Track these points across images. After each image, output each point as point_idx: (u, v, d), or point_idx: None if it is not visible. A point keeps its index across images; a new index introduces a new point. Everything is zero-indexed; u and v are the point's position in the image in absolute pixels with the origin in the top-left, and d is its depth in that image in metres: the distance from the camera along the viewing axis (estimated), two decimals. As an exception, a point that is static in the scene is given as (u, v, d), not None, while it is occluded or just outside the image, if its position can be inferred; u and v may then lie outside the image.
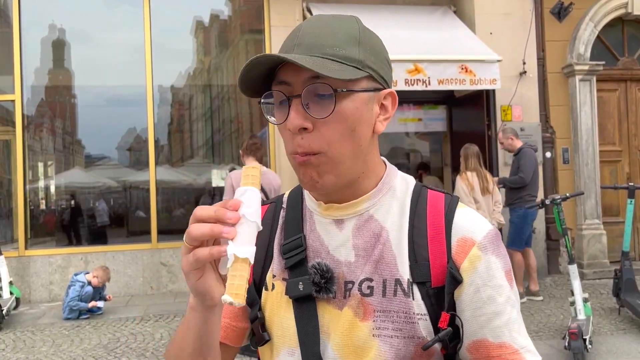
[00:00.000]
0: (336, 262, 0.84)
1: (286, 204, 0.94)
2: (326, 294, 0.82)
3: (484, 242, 0.81)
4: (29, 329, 5.24)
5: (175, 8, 7.37)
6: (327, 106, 0.76)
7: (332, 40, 0.77)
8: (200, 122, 8.23)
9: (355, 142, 0.80)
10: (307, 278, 0.83)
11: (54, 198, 7.65)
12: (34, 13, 6.83)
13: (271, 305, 0.87)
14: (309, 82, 0.76)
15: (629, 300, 4.92)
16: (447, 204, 0.85)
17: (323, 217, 0.87)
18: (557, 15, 7.20)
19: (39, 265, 6.39)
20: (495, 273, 0.80)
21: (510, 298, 0.81)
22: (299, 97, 0.76)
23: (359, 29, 0.81)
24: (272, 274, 0.88)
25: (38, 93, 7.43)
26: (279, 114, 0.80)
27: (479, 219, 0.84)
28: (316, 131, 0.77)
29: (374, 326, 0.79)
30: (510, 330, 0.80)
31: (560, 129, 7.26)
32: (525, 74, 6.94)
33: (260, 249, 0.86)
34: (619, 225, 6.84)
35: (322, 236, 0.86)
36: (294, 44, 0.78)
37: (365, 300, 0.80)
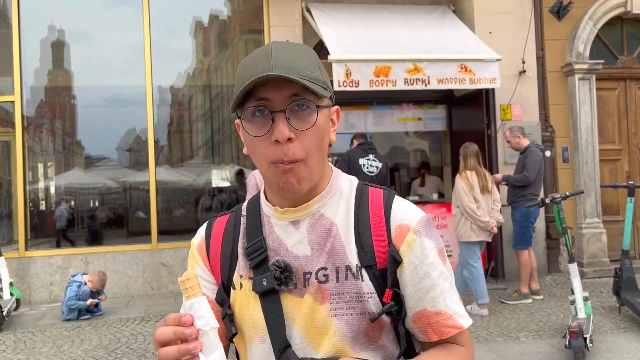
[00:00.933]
0: (295, 257, 0.95)
1: (245, 211, 1.05)
2: (286, 287, 0.94)
3: (417, 227, 0.94)
4: (30, 330, 5.24)
5: (174, 8, 7.37)
6: (308, 119, 0.89)
7: (303, 63, 0.89)
8: (200, 123, 8.23)
9: (323, 150, 0.94)
10: (269, 275, 0.94)
11: (54, 199, 7.65)
12: (34, 14, 6.83)
13: (240, 302, 0.97)
14: (292, 98, 0.87)
15: (629, 299, 4.92)
16: (385, 198, 0.98)
17: (280, 220, 0.98)
18: (556, 14, 7.20)
19: (39, 266, 6.40)
20: (428, 253, 0.94)
21: (442, 273, 0.95)
22: (283, 112, 0.87)
23: (315, 55, 0.95)
24: (239, 274, 0.99)
25: (38, 94, 7.43)
26: (254, 126, 0.90)
27: (413, 208, 0.98)
28: (297, 141, 0.88)
29: (331, 307, 0.91)
30: (445, 299, 0.93)
31: (560, 128, 7.27)
32: (524, 73, 6.95)
33: (226, 255, 1.02)
34: (619, 224, 6.85)
35: (280, 236, 0.98)
36: (270, 65, 0.86)
37: (322, 287, 0.92)
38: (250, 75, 0.87)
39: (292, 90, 0.87)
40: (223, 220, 1.07)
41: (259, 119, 0.89)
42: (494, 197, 5.46)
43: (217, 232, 1.06)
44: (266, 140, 0.89)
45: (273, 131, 0.87)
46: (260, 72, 0.86)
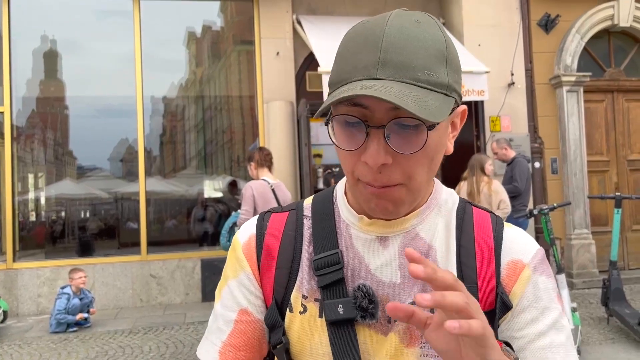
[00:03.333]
0: (378, 282, 0.77)
1: (311, 212, 0.84)
2: (371, 320, 0.76)
3: (533, 263, 0.77)
4: (16, 343, 5.19)
5: (166, 19, 7.41)
6: (414, 141, 0.68)
7: (424, 59, 0.67)
8: (193, 133, 8.23)
9: (432, 169, 0.75)
10: (349, 300, 0.75)
11: (44, 210, 7.61)
12: (25, 24, 6.85)
13: (299, 329, 0.79)
14: (395, 112, 0.67)
15: (617, 310, 4.93)
16: (494, 224, 0.81)
17: (364, 232, 0.79)
18: (544, 27, 7.30)
19: (27, 278, 6.35)
20: (542, 294, 0.76)
21: (557, 321, 0.75)
22: (382, 128, 0.68)
23: (445, 40, 0.71)
24: (302, 294, 0.79)
25: (29, 104, 7.41)
26: (344, 135, 0.71)
27: (527, 239, 0.80)
28: (396, 164, 0.70)
29: (421, 353, 0.74)
30: (553, 353, 0.73)
31: (549, 139, 7.33)
32: (513, 85, 7.02)
33: (284, 266, 0.81)
34: (607, 235, 6.89)
35: (361, 253, 0.78)
36: (378, 60, 0.66)
37: (412, 326, 0.74)
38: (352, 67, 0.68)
39: None
40: (280, 219, 0.85)
41: (351, 129, 0.70)
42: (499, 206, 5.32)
43: (273, 232, 0.83)
44: (355, 156, 0.71)
45: (365, 150, 0.69)
46: (362, 67, 0.67)
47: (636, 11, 7.45)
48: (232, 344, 0.81)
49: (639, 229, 7.66)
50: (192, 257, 6.56)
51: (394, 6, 7.42)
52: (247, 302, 0.82)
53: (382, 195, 0.72)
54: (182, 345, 4.97)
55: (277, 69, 6.88)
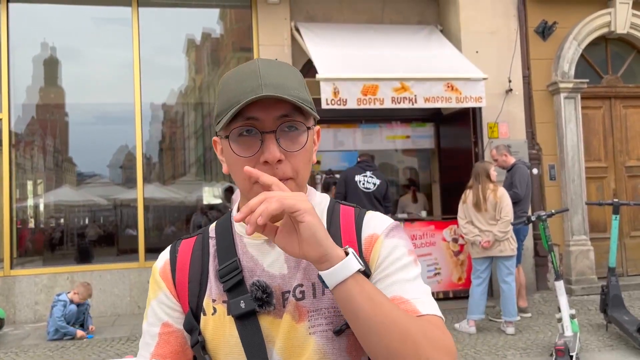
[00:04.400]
0: (271, 276, 0.92)
1: (215, 233, 1.01)
2: (267, 307, 0.90)
3: (385, 231, 0.94)
4: (13, 350, 5.16)
5: (165, 26, 7.44)
6: (298, 140, 0.89)
7: (291, 83, 0.88)
8: (192, 140, 8.24)
9: (309, 169, 0.94)
10: (247, 296, 0.90)
11: (42, 217, 7.60)
12: (24, 31, 6.87)
13: (213, 328, 0.92)
14: (282, 119, 0.87)
15: (616, 316, 4.92)
16: (356, 213, 0.98)
17: (254, 239, 0.96)
18: (541, 34, 7.33)
19: (24, 285, 6.33)
20: (393, 250, 0.91)
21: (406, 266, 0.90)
22: (273, 132, 0.87)
23: (301, 75, 0.94)
24: (211, 298, 0.94)
25: (28, 111, 7.42)
26: (240, 146, 0.88)
27: (383, 218, 0.97)
28: (286, 162, 0.88)
29: (309, 325, 0.88)
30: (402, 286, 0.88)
31: (547, 146, 7.34)
32: (511, 92, 7.03)
33: (194, 279, 0.96)
34: (606, 241, 6.86)
35: (255, 256, 0.95)
36: (259, 84, 0.85)
37: (299, 304, 0.89)
38: (239, 93, 0.85)
39: (282, 110, 0.86)
40: (189, 243, 1.02)
41: (246, 138, 0.87)
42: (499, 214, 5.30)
43: (183, 255, 1.00)
44: (253, 160, 0.87)
45: (263, 152, 0.86)
46: (249, 90, 0.85)
47: (633, 18, 7.49)
48: (159, 353, 0.95)
49: (637, 235, 7.66)
50: (190, 264, 6.52)
51: (391, 13, 7.46)
52: (167, 316, 0.96)
53: None
54: (180, 352, 4.94)
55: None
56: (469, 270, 6.32)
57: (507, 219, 5.22)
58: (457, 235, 6.55)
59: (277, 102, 0.86)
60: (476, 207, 5.36)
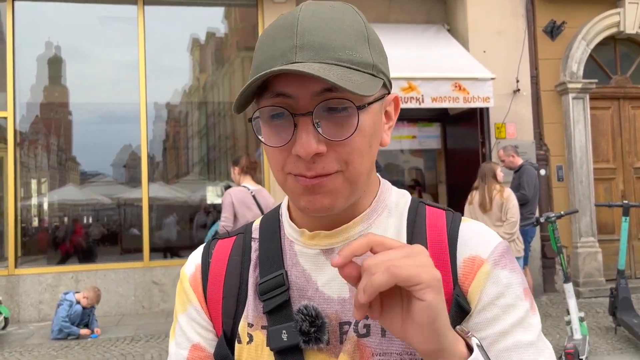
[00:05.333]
0: (327, 300, 0.71)
1: (258, 233, 0.79)
2: (316, 344, 0.69)
3: (493, 257, 0.70)
4: (17, 350, 5.14)
5: (170, 26, 7.41)
6: (346, 124, 0.64)
7: (343, 40, 0.63)
8: (196, 139, 8.21)
9: (371, 158, 0.68)
10: (292, 325, 0.69)
11: (46, 215, 7.59)
12: (29, 30, 6.85)
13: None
14: (321, 96, 0.62)
15: (625, 319, 4.87)
16: (449, 221, 0.73)
17: (307, 247, 0.73)
18: (549, 34, 7.26)
19: (28, 284, 6.31)
20: (504, 290, 0.68)
21: (524, 320, 0.67)
22: (310, 115, 0.62)
23: (364, 23, 0.67)
24: (247, 322, 0.74)
25: (32, 110, 7.41)
26: (271, 132, 0.66)
27: (485, 232, 0.73)
28: (331, 152, 0.64)
29: None
30: (521, 355, 0.65)
31: (555, 147, 7.27)
32: (518, 92, 6.98)
33: (230, 294, 0.75)
34: (614, 243, 6.81)
35: (307, 270, 0.72)
36: (294, 44, 0.62)
37: (362, 342, 0.68)
38: (267, 58, 0.65)
39: (323, 84, 0.62)
40: (227, 245, 0.79)
41: (277, 122, 0.65)
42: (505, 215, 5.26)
43: (218, 260, 0.78)
44: (285, 152, 0.65)
45: (295, 142, 0.63)
46: (278, 55, 0.63)
47: (642, 18, 7.42)
48: None
49: (646, 237, 7.60)
50: (195, 263, 6.49)
51: (398, 13, 7.41)
52: (198, 336, 0.76)
53: (316, 189, 0.65)
54: (184, 353, 4.91)
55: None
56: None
57: (514, 220, 5.16)
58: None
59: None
60: (482, 208, 5.30)
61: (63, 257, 7.25)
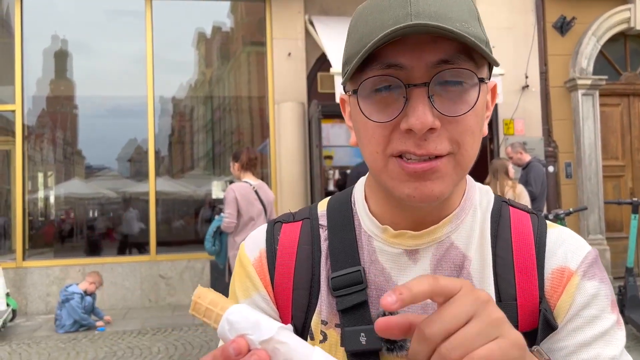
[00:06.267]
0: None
1: (327, 220, 0.73)
2: (399, 352, 0.64)
3: (582, 268, 0.66)
4: (25, 342, 5.16)
5: (177, 20, 7.39)
6: (464, 99, 0.59)
7: (458, 12, 0.58)
8: (202, 134, 8.21)
9: (478, 142, 0.63)
10: (372, 328, 0.62)
11: (53, 209, 7.61)
12: (37, 24, 6.85)
13: None
14: (440, 67, 0.58)
15: (633, 317, 4.84)
16: (535, 226, 0.69)
17: (389, 245, 0.68)
18: (559, 30, 7.20)
19: (36, 277, 6.33)
20: (589, 301, 0.64)
21: (612, 336, 0.64)
22: (425, 86, 0.58)
23: (475, 5, 0.64)
24: (321, 319, 0.69)
25: (39, 103, 7.43)
26: (374, 106, 0.60)
27: (575, 241, 0.69)
28: (443, 130, 0.59)
29: None
30: None
31: (563, 143, 7.23)
32: (527, 88, 6.93)
33: (302, 286, 0.70)
34: (622, 241, 6.78)
35: (388, 270, 0.67)
36: (407, 12, 0.57)
37: None
38: (376, 27, 0.58)
39: (441, 54, 0.58)
40: (294, 230, 0.73)
41: (383, 95, 0.60)
42: None
43: (286, 247, 0.72)
44: (390, 128, 0.60)
45: (407, 115, 0.58)
46: (392, 22, 0.57)
47: (653, 14, 7.35)
48: None
49: (654, 235, 7.55)
50: (201, 258, 6.51)
51: (407, 7, 7.36)
52: None
53: (426, 174, 0.60)
54: (191, 346, 4.92)
55: (289, 69, 6.84)
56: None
57: None
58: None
59: (433, 41, 0.57)
60: None
61: (69, 250, 7.28)
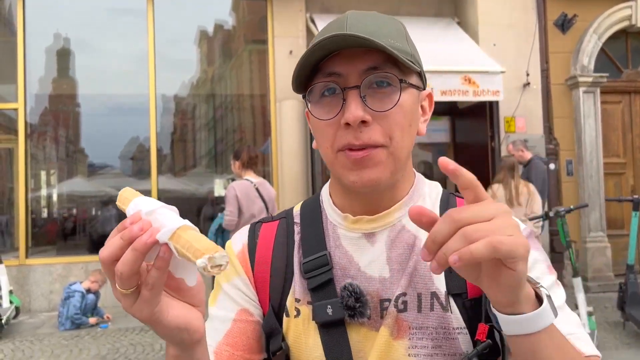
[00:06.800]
0: (369, 279, 0.77)
1: (300, 218, 0.85)
2: (360, 318, 0.75)
3: None
4: (28, 339, 5.20)
5: (179, 18, 7.41)
6: (389, 98, 0.72)
7: (386, 30, 0.72)
8: (204, 132, 8.24)
9: (411, 138, 0.76)
10: (337, 301, 0.76)
11: (56, 207, 7.64)
12: (39, 22, 6.87)
13: (295, 333, 0.79)
14: (369, 72, 0.71)
15: (634, 314, 4.86)
16: None
17: (350, 231, 0.80)
18: (560, 27, 7.20)
19: (39, 275, 6.37)
20: (531, 269, 0.73)
21: (550, 287, 0.73)
22: (357, 88, 0.71)
23: (403, 26, 0.78)
24: (295, 297, 0.80)
25: (42, 101, 7.45)
26: (322, 108, 0.74)
27: None
28: (375, 124, 0.72)
29: (409, 344, 0.73)
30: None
31: (564, 141, 7.23)
32: (528, 86, 6.93)
33: (278, 273, 0.81)
34: (623, 238, 6.78)
35: (350, 252, 0.79)
36: (344, 27, 0.71)
37: (400, 317, 0.74)
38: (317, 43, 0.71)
39: (370, 62, 0.71)
40: (271, 228, 0.86)
41: (327, 99, 0.73)
42: (531, 208, 5.27)
43: (264, 241, 0.84)
44: (334, 124, 0.73)
45: (344, 112, 0.71)
46: (329, 36, 0.70)
47: (654, 12, 7.34)
48: (229, 342, 0.80)
49: (655, 232, 7.55)
50: (203, 255, 6.52)
51: (408, 5, 7.38)
52: (246, 303, 0.82)
53: (365, 161, 0.72)
54: (193, 344, 4.95)
55: (290, 67, 6.85)
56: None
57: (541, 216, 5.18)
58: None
59: (364, 52, 0.71)
60: (509, 203, 5.26)
61: (72, 248, 7.31)
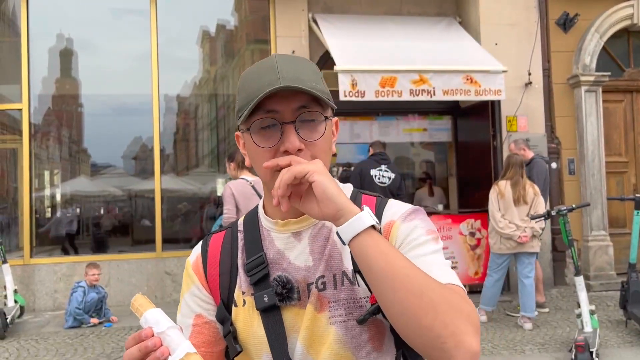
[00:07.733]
0: (297, 269, 0.96)
1: (243, 227, 1.05)
2: (288, 302, 0.94)
3: (402, 215, 0.95)
4: (33, 338, 5.24)
5: (181, 18, 7.43)
6: (316, 130, 0.92)
7: (308, 76, 0.91)
8: (206, 131, 8.26)
9: (329, 158, 0.97)
10: (270, 290, 0.94)
11: (60, 206, 7.67)
12: (43, 22, 6.90)
13: (244, 319, 0.97)
14: (300, 110, 0.90)
15: (636, 313, 4.87)
16: (378, 203, 1.00)
17: (281, 232, 0.99)
18: (562, 26, 7.21)
19: (43, 274, 6.40)
20: (411, 232, 0.92)
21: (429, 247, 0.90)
22: (292, 123, 0.90)
23: (317, 68, 0.98)
24: (241, 290, 0.98)
25: (45, 102, 7.48)
26: (262, 137, 0.91)
27: (403, 204, 0.98)
28: (306, 151, 0.91)
29: (329, 315, 0.92)
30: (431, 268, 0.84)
31: (566, 140, 7.24)
32: (530, 85, 6.94)
33: (225, 272, 1.01)
34: (625, 237, 6.79)
35: (282, 250, 0.98)
36: (278, 77, 0.88)
37: (321, 295, 0.93)
38: (258, 87, 0.89)
39: (300, 102, 0.90)
40: (219, 238, 1.06)
41: (267, 131, 0.91)
42: (535, 208, 5.29)
43: (213, 249, 1.04)
44: (273, 151, 0.91)
45: (283, 142, 0.89)
46: (267, 84, 0.88)
47: (656, 10, 7.34)
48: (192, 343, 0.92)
49: (657, 231, 7.54)
50: (207, 254, 6.55)
51: (410, 5, 7.39)
52: (200, 308, 1.01)
53: None
54: (197, 342, 4.98)
55: (292, 67, 6.86)
56: (485, 265, 6.27)
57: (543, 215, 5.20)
58: (475, 229, 6.52)
59: (295, 94, 0.89)
60: (517, 201, 5.28)
61: (76, 247, 7.34)
